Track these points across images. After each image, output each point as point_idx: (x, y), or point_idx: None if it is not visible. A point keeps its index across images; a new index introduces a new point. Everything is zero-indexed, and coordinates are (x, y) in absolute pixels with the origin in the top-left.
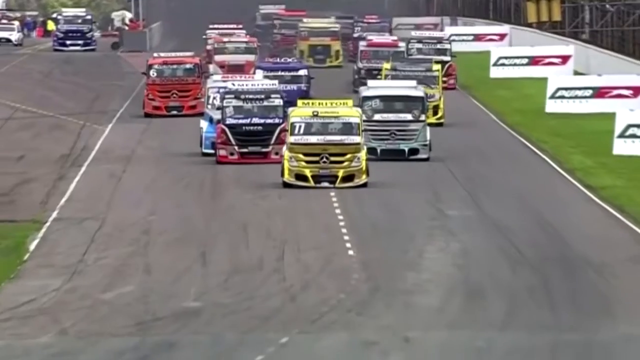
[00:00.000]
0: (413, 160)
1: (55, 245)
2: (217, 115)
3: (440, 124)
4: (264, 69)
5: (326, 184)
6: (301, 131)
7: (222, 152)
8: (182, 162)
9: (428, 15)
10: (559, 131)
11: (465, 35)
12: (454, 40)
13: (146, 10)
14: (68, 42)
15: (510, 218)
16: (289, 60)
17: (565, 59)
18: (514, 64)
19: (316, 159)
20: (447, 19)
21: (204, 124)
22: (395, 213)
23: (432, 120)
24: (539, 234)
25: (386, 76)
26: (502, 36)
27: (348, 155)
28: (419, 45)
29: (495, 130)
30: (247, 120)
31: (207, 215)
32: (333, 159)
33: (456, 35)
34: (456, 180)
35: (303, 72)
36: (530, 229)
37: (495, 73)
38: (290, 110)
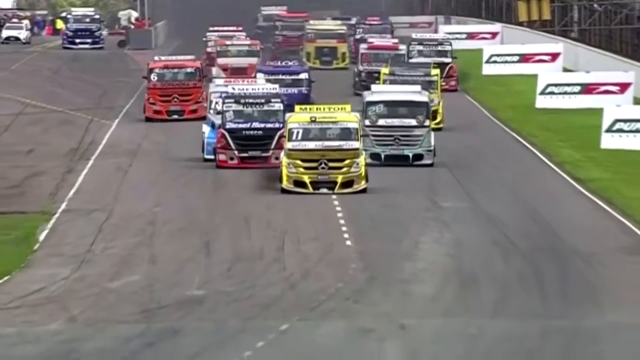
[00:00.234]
0: (417, 166)
1: (64, 236)
2: (219, 121)
3: (439, 129)
4: (265, 73)
5: (325, 190)
6: (299, 137)
7: (222, 157)
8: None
9: (423, 14)
10: (548, 126)
11: (459, 33)
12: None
13: (151, 9)
14: (77, 41)
15: (502, 210)
16: (290, 63)
17: (554, 57)
18: (506, 62)
19: (314, 165)
20: (441, 18)
21: (206, 129)
22: (391, 206)
23: (431, 125)
24: (530, 225)
25: (384, 81)
26: (494, 34)
27: (347, 161)
28: (420, 47)
29: (489, 127)
30: (247, 125)
31: (210, 207)
32: (332, 164)
33: (450, 33)
34: (450, 174)
35: (304, 76)
36: (521, 221)
37: (488, 70)
38: (287, 116)
